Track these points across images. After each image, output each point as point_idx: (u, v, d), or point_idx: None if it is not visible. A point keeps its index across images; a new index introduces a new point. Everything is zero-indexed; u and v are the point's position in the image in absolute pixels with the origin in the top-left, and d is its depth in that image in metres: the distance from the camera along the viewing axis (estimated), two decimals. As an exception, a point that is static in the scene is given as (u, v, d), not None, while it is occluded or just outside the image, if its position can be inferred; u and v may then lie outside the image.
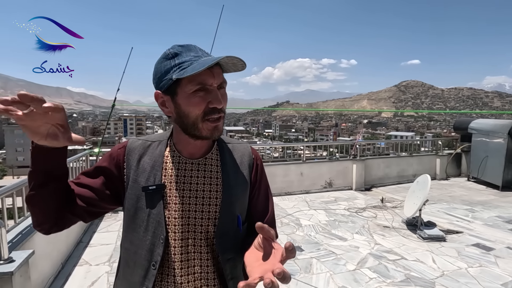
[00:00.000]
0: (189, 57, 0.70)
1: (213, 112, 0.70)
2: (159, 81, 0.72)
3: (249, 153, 0.87)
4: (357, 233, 4.05)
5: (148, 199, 0.74)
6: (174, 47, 0.72)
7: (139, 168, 0.76)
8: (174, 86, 0.70)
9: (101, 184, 0.75)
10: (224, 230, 0.77)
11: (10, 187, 2.30)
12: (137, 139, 0.81)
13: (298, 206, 5.27)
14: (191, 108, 0.70)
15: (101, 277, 2.89)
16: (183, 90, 0.69)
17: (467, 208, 5.10)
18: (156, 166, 0.76)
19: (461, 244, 3.67)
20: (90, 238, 3.81)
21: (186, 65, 0.68)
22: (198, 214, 0.76)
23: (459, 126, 7.80)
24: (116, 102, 5.68)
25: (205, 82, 0.69)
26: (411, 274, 2.97)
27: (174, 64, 0.70)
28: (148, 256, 0.73)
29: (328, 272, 3.00)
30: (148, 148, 0.79)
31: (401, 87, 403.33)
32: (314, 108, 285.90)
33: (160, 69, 0.72)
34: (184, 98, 0.70)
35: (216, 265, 0.77)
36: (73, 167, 4.01)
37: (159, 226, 0.73)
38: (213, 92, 0.70)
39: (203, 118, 0.70)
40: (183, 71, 0.67)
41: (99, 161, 0.79)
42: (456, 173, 7.76)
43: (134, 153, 0.77)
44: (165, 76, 0.71)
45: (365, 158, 6.66)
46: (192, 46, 0.73)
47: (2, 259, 1.84)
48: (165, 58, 0.72)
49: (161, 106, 0.75)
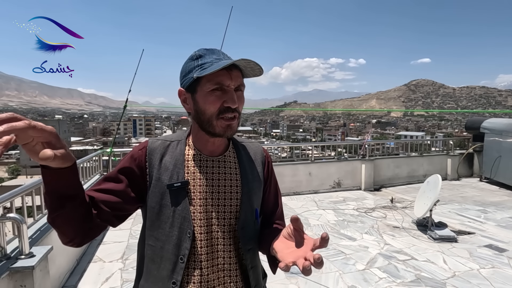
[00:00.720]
0: (210, 59, 0.75)
1: (227, 111, 0.75)
2: (183, 79, 0.79)
3: (261, 152, 0.93)
4: (367, 233, 4.03)
5: (173, 196, 0.77)
6: (200, 50, 0.78)
7: (162, 167, 0.79)
8: (194, 84, 0.76)
9: (125, 187, 0.78)
10: (244, 222, 0.82)
11: (29, 186, 2.39)
12: (156, 139, 0.84)
13: (306, 206, 5.28)
14: (207, 106, 0.75)
15: (115, 274, 2.96)
16: (202, 88, 0.75)
17: (480, 209, 5.02)
18: (178, 164, 0.80)
19: (473, 245, 3.62)
20: (103, 235, 3.91)
21: (207, 65, 0.74)
22: (220, 208, 0.81)
23: (471, 125, 7.66)
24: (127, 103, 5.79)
25: (222, 82, 0.73)
26: (422, 274, 2.95)
27: (197, 65, 0.76)
28: (175, 251, 0.77)
29: (337, 272, 3.01)
30: (168, 147, 0.82)
31: (411, 86, 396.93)
32: (322, 108, 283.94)
33: (185, 68, 0.78)
34: (202, 96, 0.75)
35: (237, 256, 0.82)
36: (86, 166, 4.12)
37: (185, 221, 0.77)
38: (229, 93, 0.75)
39: (217, 116, 0.75)
40: (203, 70, 0.73)
41: (120, 163, 0.81)
42: (468, 174, 7.62)
43: (155, 152, 0.81)
44: (188, 74, 0.77)
45: (374, 158, 6.61)
46: (216, 50, 0.78)
47: (23, 254, 1.92)
48: (191, 59, 0.78)
49: (183, 103, 0.81)
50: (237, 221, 0.82)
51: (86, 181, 4.09)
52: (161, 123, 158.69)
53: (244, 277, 0.84)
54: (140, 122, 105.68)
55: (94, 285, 2.77)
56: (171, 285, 0.76)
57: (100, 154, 4.84)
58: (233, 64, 0.73)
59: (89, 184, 4.12)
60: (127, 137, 78.62)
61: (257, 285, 0.85)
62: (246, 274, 0.83)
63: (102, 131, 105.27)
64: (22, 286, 1.84)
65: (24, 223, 1.94)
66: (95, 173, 4.57)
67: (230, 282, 0.81)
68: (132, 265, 3.13)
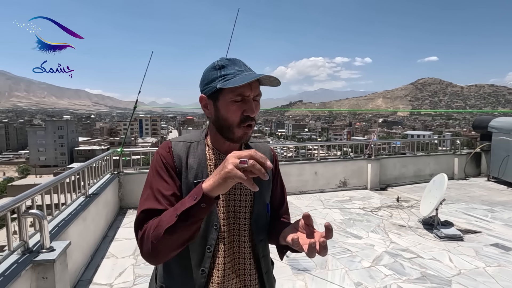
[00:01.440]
0: (233, 71, 0.82)
1: (246, 119, 0.82)
2: (205, 87, 0.85)
3: (269, 151, 1.03)
4: (373, 231, 4.07)
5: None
6: (222, 60, 0.85)
7: (188, 167, 0.87)
8: (217, 93, 0.82)
9: (177, 189, 0.84)
10: (257, 215, 0.92)
11: (49, 183, 2.50)
12: (177, 141, 0.91)
13: (312, 205, 5.33)
14: (229, 114, 0.82)
15: (127, 269, 3.07)
16: (224, 97, 0.81)
17: (487, 208, 5.01)
18: (202, 163, 0.88)
19: (479, 243, 3.64)
20: (115, 233, 4.03)
21: (230, 77, 0.81)
22: (237, 202, 0.90)
23: (478, 124, 7.61)
24: (133, 103, 5.91)
25: (243, 93, 0.80)
26: (427, 272, 2.99)
27: (220, 75, 0.82)
28: (202, 242, 0.85)
29: (343, 269, 3.07)
30: (189, 148, 0.89)
31: (418, 84, 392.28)
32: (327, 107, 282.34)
33: (207, 76, 0.85)
34: (224, 105, 0.82)
35: (251, 246, 0.91)
36: (96, 166, 4.19)
37: (212, 215, 0.85)
38: (249, 103, 0.82)
39: (238, 124, 0.82)
40: (227, 82, 0.80)
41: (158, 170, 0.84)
42: (475, 173, 7.58)
43: (180, 153, 0.88)
44: (211, 83, 0.83)
45: (380, 158, 6.63)
46: (237, 61, 0.85)
47: (44, 248, 2.03)
48: (213, 68, 0.84)
49: (204, 108, 0.88)
50: (251, 215, 0.91)
51: (98, 180, 4.21)
52: (167, 123, 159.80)
53: (257, 265, 0.92)
54: (146, 122, 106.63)
55: (108, 279, 2.88)
56: (200, 273, 0.84)
57: (111, 154, 4.97)
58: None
59: (101, 183, 4.24)
60: (134, 137, 79.41)
61: (267, 271, 0.95)
62: (258, 262, 0.92)
63: (109, 131, 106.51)
64: (44, 278, 1.95)
65: (45, 218, 2.05)
66: (106, 172, 4.69)
67: (245, 269, 0.90)
68: (143, 261, 3.23)
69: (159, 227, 0.72)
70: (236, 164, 0.64)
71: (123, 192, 5.05)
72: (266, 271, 0.93)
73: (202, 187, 0.69)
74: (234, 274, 0.88)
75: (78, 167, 3.38)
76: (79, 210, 3.00)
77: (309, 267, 3.07)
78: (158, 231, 0.72)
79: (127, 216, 4.71)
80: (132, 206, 5.08)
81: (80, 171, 3.34)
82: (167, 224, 0.70)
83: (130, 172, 5.20)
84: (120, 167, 5.07)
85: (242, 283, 0.89)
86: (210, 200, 0.68)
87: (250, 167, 0.63)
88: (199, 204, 0.68)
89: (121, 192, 5.02)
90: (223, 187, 0.67)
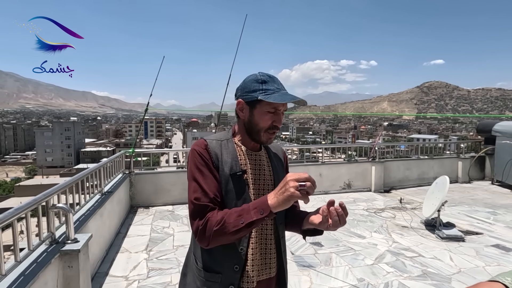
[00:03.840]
0: (273, 87, 1.00)
1: (273, 128, 1.02)
2: (246, 94, 1.02)
3: (281, 149, 1.23)
4: (376, 231, 4.19)
5: (235, 182, 1.00)
6: (263, 75, 1.02)
7: (223, 161, 1.02)
8: (255, 102, 1.00)
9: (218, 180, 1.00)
10: None
11: (70, 181, 2.68)
12: (210, 140, 1.04)
13: (317, 206, 5.35)
14: (262, 122, 1.00)
15: (141, 263, 3.24)
16: (261, 107, 1.00)
17: (489, 211, 5.08)
18: (234, 158, 1.03)
19: (480, 244, 3.74)
20: (127, 230, 4.20)
21: (270, 92, 0.99)
22: (261, 192, 1.06)
23: (482, 128, 7.68)
24: (138, 105, 6.13)
25: (277, 107, 1.00)
26: (428, 270, 3.10)
27: (262, 88, 0.99)
28: None
29: (347, 266, 3.19)
30: (221, 145, 1.05)
31: (424, 88, 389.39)
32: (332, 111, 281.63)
33: (249, 86, 1.02)
34: (259, 113, 1.00)
35: (272, 229, 1.08)
36: (109, 166, 4.36)
37: (246, 201, 1.00)
38: (279, 115, 1.02)
39: (266, 130, 1.01)
40: (267, 96, 0.98)
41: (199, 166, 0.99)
42: (479, 177, 7.63)
43: (215, 150, 1.03)
44: (252, 93, 1.00)
45: (384, 160, 6.73)
46: (276, 79, 1.03)
47: (70, 239, 2.20)
48: (256, 81, 1.02)
49: (239, 111, 1.05)
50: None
51: (111, 180, 4.39)
52: (171, 125, 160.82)
53: (277, 245, 1.09)
54: (151, 124, 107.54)
55: (124, 272, 3.05)
56: (239, 251, 1.00)
57: (123, 154, 5.16)
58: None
59: (114, 182, 4.42)
60: (139, 139, 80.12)
61: (284, 250, 1.13)
62: (279, 242, 1.09)
63: (114, 133, 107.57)
64: (70, 267, 2.11)
65: (71, 212, 2.22)
66: (118, 172, 4.88)
67: (271, 248, 1.07)
68: (156, 256, 3.40)
69: (224, 227, 0.88)
70: (297, 187, 0.81)
71: (134, 191, 5.23)
72: (283, 249, 1.11)
73: (269, 205, 0.85)
74: (259, 252, 1.04)
75: (96, 166, 3.57)
76: (96, 207, 3.18)
77: (314, 264, 3.20)
78: (223, 230, 0.88)
79: (138, 214, 4.89)
80: (143, 205, 5.26)
81: (96, 170, 3.52)
82: (233, 227, 0.87)
83: (140, 172, 5.38)
84: (131, 167, 5.26)
85: (264, 260, 1.05)
86: (272, 214, 0.86)
87: (308, 189, 0.81)
88: (264, 217, 0.85)
89: (132, 191, 5.21)
90: (286, 205, 0.84)
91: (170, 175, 5.49)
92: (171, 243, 3.77)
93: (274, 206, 0.84)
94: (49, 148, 64.31)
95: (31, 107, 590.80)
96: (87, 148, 67.41)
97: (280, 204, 0.83)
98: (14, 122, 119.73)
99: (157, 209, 5.14)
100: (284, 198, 0.82)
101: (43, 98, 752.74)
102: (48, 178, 40.86)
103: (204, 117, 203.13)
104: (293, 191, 0.81)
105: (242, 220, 0.86)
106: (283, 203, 0.83)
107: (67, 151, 64.92)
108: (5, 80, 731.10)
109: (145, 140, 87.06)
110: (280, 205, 0.83)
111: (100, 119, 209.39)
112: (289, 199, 0.82)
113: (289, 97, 0.97)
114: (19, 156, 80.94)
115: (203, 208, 0.94)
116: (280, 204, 0.83)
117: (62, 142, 64.64)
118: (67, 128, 66.58)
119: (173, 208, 5.20)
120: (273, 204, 0.84)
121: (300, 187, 0.80)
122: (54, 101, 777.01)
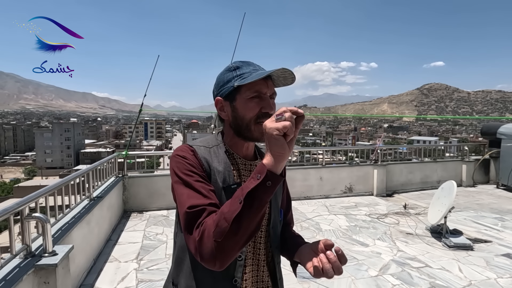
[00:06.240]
0: (248, 70, 0.83)
1: (264, 116, 0.79)
2: (221, 89, 0.85)
3: None
4: (379, 239, 3.99)
5: (228, 196, 0.76)
6: (236, 62, 0.86)
7: (214, 171, 0.82)
8: (234, 93, 0.82)
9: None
10: (274, 222, 0.90)
11: (53, 186, 2.49)
12: (198, 146, 0.85)
13: (317, 210, 5.26)
14: (247, 112, 0.81)
15: (130, 273, 3.04)
16: (241, 96, 0.81)
17: (497, 217, 4.89)
18: (227, 167, 0.83)
19: (490, 253, 3.54)
20: (118, 236, 4.01)
21: (246, 75, 0.81)
22: None
23: (487, 131, 7.49)
24: (138, 106, 5.94)
25: (260, 90, 0.80)
26: (436, 282, 2.90)
27: (236, 75, 0.83)
28: None
29: (349, 277, 2.99)
30: (210, 152, 0.85)
31: (424, 90, 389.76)
32: (332, 112, 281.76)
33: (222, 79, 0.85)
34: (241, 103, 0.81)
35: (265, 254, 0.89)
36: (101, 169, 4.18)
37: None
38: (266, 100, 0.81)
39: (255, 121, 0.80)
40: (244, 79, 0.80)
41: (188, 173, 0.77)
42: (484, 180, 7.43)
43: (205, 157, 0.83)
44: (226, 84, 0.83)
45: (386, 163, 6.54)
46: (250, 62, 0.86)
47: (47, 252, 2.01)
48: (228, 70, 0.85)
49: (220, 111, 0.87)
50: (268, 221, 0.89)
51: (103, 182, 4.21)
52: (171, 126, 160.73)
53: (271, 272, 0.90)
54: (151, 125, 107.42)
55: (111, 284, 2.85)
56: (233, 283, 0.80)
57: (116, 157, 4.97)
58: (268, 74, 0.79)
59: (105, 186, 4.24)
60: (139, 140, 79.94)
61: (280, 278, 0.94)
62: (274, 269, 0.90)
63: (114, 134, 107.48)
64: (46, 283, 1.92)
65: (48, 222, 2.03)
66: (111, 175, 4.69)
67: (263, 276, 0.88)
68: (146, 266, 3.20)
69: (222, 221, 0.65)
70: (274, 122, 0.63)
71: (127, 195, 5.04)
72: (279, 277, 0.93)
73: (264, 164, 0.64)
74: (252, 281, 0.86)
75: (84, 169, 3.38)
76: (83, 213, 2.99)
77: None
78: (222, 226, 0.65)
79: (131, 219, 4.69)
80: (136, 209, 5.06)
81: (85, 173, 3.33)
82: (232, 214, 0.64)
83: (135, 175, 5.20)
84: (125, 170, 5.07)
85: None
86: (275, 176, 0.63)
87: (288, 118, 0.63)
88: (264, 183, 0.62)
89: (125, 195, 5.02)
90: (279, 150, 0.62)
91: (165, 179, 5.28)
92: (164, 251, 3.57)
93: (269, 161, 0.63)
94: (49, 149, 64.16)
95: (32, 108, 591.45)
96: (87, 149, 67.23)
97: (274, 155, 0.63)
98: (14, 123, 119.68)
99: (151, 214, 4.94)
100: (271, 145, 0.63)
101: (43, 99, 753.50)
102: (47, 179, 40.70)
103: (204, 119, 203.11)
104: (270, 127, 0.62)
105: (240, 199, 0.64)
106: (274, 152, 0.62)
107: (66, 152, 64.76)
108: (5, 81, 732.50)
109: (145, 141, 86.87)
110: (273, 156, 0.63)
111: (100, 120, 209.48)
112: (276, 141, 0.62)
113: (266, 71, 0.78)
114: (18, 157, 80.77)
115: (198, 213, 0.71)
116: (273, 155, 0.63)
117: (62, 143, 64.51)
118: (67, 129, 66.46)
119: (167, 213, 5.00)
120: (267, 161, 0.64)
121: (276, 119, 0.63)
122: (54, 102, 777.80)
